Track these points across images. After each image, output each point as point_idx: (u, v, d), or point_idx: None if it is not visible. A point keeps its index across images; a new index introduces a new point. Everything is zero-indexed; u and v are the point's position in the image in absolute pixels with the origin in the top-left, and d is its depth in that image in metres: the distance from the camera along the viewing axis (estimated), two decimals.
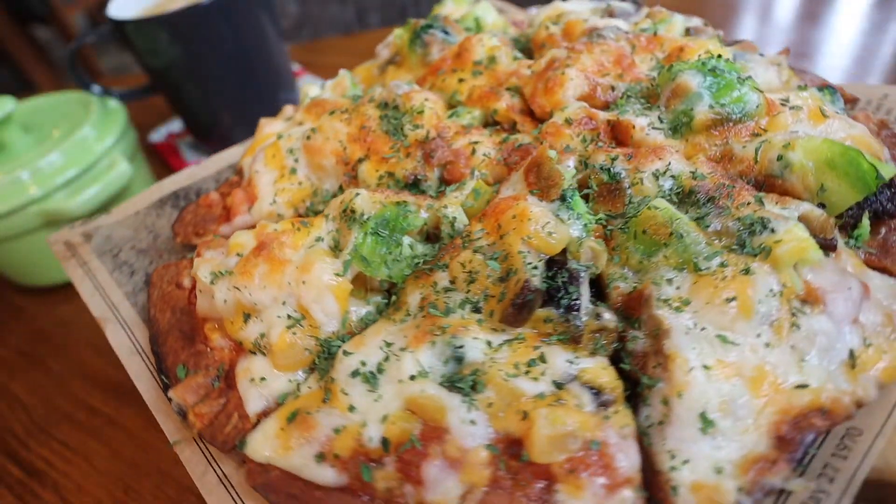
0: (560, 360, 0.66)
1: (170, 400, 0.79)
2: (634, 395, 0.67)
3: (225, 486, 0.73)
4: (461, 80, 1.05)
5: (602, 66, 0.98)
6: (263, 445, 0.69)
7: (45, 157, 1.15)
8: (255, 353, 0.79)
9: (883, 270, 0.74)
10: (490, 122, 1.03)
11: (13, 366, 1.14)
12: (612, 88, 0.96)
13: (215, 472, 0.74)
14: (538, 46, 1.16)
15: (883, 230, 0.79)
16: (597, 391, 0.65)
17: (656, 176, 0.78)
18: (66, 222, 1.09)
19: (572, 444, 0.61)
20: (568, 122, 0.90)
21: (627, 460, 0.61)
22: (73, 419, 1.00)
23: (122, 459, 0.99)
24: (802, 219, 0.72)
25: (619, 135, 0.90)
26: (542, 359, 0.66)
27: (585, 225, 0.75)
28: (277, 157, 1.05)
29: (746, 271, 0.67)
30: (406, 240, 0.82)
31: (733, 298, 0.65)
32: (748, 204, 0.73)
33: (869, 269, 0.73)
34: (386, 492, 0.65)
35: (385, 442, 0.65)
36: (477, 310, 0.71)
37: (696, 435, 0.61)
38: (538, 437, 0.60)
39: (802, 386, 0.63)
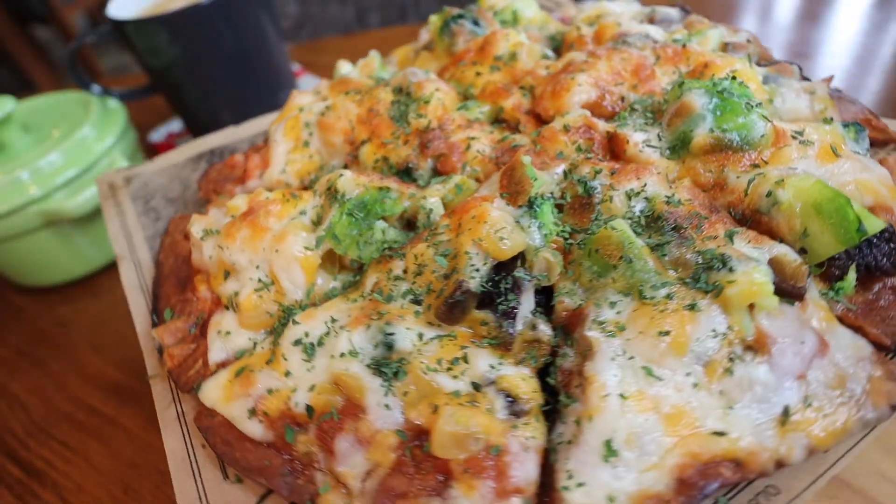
0: (483, 362, 0.67)
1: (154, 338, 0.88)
2: (556, 410, 0.68)
3: (180, 422, 0.81)
4: (478, 74, 1.06)
5: (618, 74, 0.95)
6: (212, 393, 0.76)
7: (45, 157, 1.15)
8: (228, 309, 0.86)
9: (857, 329, 0.69)
10: (498, 119, 1.03)
11: (13, 366, 1.13)
12: (622, 99, 0.93)
13: (176, 408, 0.82)
14: (567, 47, 1.13)
15: (876, 287, 0.73)
16: (512, 399, 0.66)
17: (629, 196, 0.76)
18: (66, 222, 1.14)
19: (473, 445, 0.63)
20: (566, 128, 0.89)
21: (522, 471, 0.62)
22: (72, 419, 1.00)
23: (122, 459, 0.99)
24: (774, 262, 0.68)
25: (614, 148, 0.87)
26: (465, 359, 0.68)
27: (546, 235, 0.75)
28: (295, 129, 1.11)
29: (692, 307, 0.65)
30: (380, 224, 0.85)
31: (667, 332, 0.63)
32: (715, 238, 0.70)
33: (841, 325, 0.68)
34: (305, 455, 0.70)
35: (310, 409, 0.70)
36: (417, 301, 0.73)
37: (598, 461, 0.61)
38: (440, 432, 0.63)
39: (720, 433, 0.60)
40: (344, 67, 1.24)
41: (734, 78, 0.84)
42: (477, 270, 0.70)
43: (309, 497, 0.68)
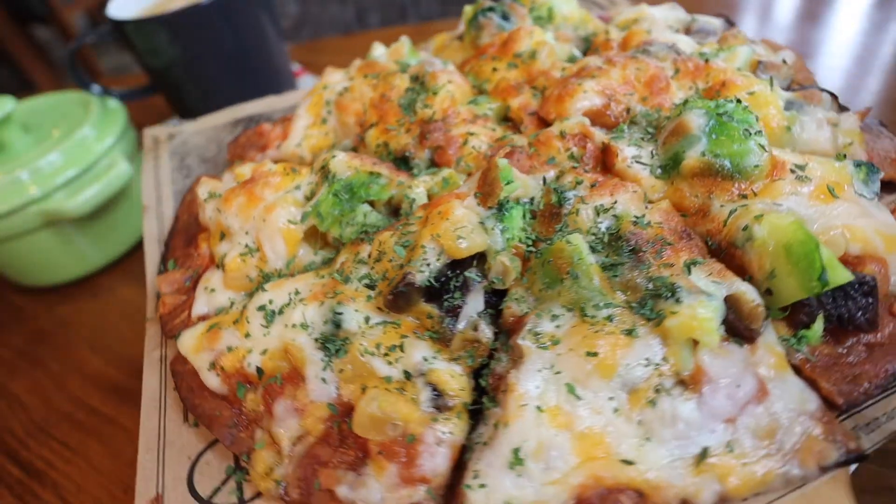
0: (418, 354, 0.70)
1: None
2: (482, 411, 0.69)
3: (161, 365, 0.89)
4: (495, 70, 1.06)
5: (630, 84, 0.93)
6: (187, 342, 0.83)
7: (45, 157, 1.13)
8: (218, 268, 0.93)
9: (811, 382, 0.65)
10: (507, 118, 1.03)
11: (13, 366, 1.12)
12: (628, 110, 0.91)
13: (161, 352, 0.91)
14: (593, 50, 1.10)
15: (850, 342, 0.69)
16: (438, 393, 0.68)
17: (598, 211, 0.75)
18: (66, 222, 1.15)
19: (391, 430, 0.66)
20: (562, 134, 0.88)
21: (431, 462, 0.64)
22: (72, 419, 0.99)
23: (122, 459, 0.98)
24: (731, 299, 0.66)
25: (606, 160, 0.86)
26: (402, 348, 0.70)
27: (508, 239, 0.76)
28: (317, 105, 1.16)
29: (629, 332, 0.64)
30: (364, 207, 0.89)
31: (595, 353, 0.63)
32: (672, 266, 0.68)
33: (794, 374, 0.65)
34: (251, 412, 0.76)
35: (259, 371, 0.75)
36: (372, 286, 0.76)
37: (504, 467, 0.62)
38: (361, 412, 0.66)
39: (629, 462, 0.60)
40: (377, 50, 1.27)
41: (739, 101, 0.80)
42: (428, 265, 0.72)
43: (246, 450, 0.74)
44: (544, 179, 0.82)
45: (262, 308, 0.79)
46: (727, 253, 0.73)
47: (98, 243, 1.23)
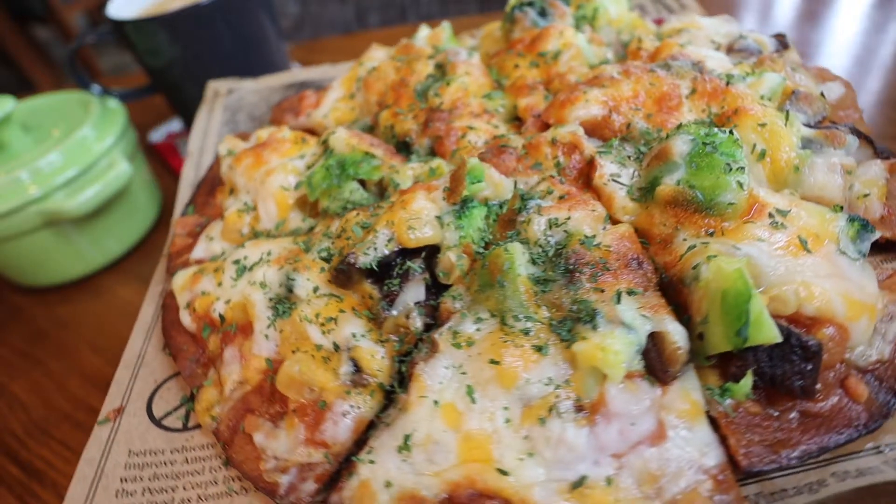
0: (348, 329, 0.74)
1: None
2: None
3: (160, 298, 1.00)
4: (516, 66, 1.05)
5: (639, 98, 0.89)
6: (178, 281, 0.93)
7: (45, 156, 1.13)
8: (222, 219, 1.02)
9: (722, 439, 0.62)
10: (517, 116, 1.02)
11: (13, 366, 1.12)
12: (629, 125, 0.88)
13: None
14: (623, 58, 1.06)
15: (786, 405, 0.65)
16: (358, 369, 0.72)
17: (551, 224, 0.74)
18: (65, 222, 1.15)
19: (307, 393, 0.71)
20: (553, 141, 0.87)
21: (332, 431, 0.69)
22: (72, 419, 0.97)
23: None
24: (656, 336, 0.64)
25: (589, 173, 0.84)
26: (336, 321, 0.75)
27: (461, 237, 0.77)
28: (350, 80, 1.21)
29: (539, 349, 0.65)
30: (353, 184, 0.93)
31: (497, 363, 0.64)
32: (602, 292, 0.67)
33: (706, 425, 0.63)
34: (211, 352, 0.84)
35: (222, 317, 0.83)
36: (327, 260, 0.81)
37: (393, 448, 0.66)
38: (284, 371, 0.72)
39: (505, 472, 0.61)
40: (423, 31, 1.29)
41: (731, 133, 0.75)
42: (375, 249, 0.75)
43: (196, 385, 0.82)
44: (515, 183, 0.82)
45: (236, 262, 0.87)
46: (675, 289, 0.70)
47: (98, 243, 1.23)
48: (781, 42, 1.02)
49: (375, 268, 0.74)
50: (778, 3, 1.70)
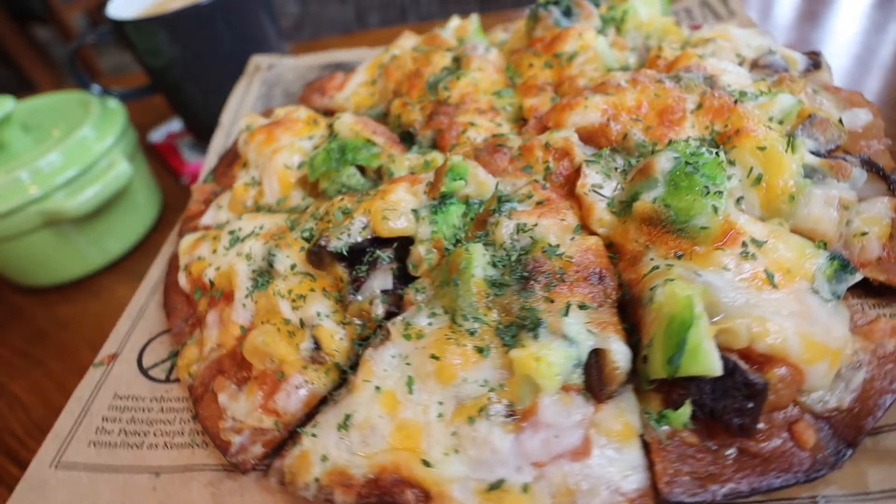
0: (315, 308, 0.78)
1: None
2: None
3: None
4: (531, 65, 1.04)
5: (641, 109, 0.87)
6: (183, 244, 1.00)
7: (45, 157, 1.12)
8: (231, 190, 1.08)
9: (650, 464, 0.62)
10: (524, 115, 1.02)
11: (13, 366, 1.11)
12: (625, 136, 0.86)
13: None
14: (647, 64, 1.03)
15: (725, 441, 0.63)
16: (318, 347, 0.76)
17: (519, 229, 0.74)
18: (65, 222, 1.15)
19: (269, 363, 0.76)
20: (547, 146, 0.87)
21: (285, 401, 0.73)
22: None
23: None
24: (600, 354, 0.64)
25: (575, 181, 0.83)
26: (306, 299, 0.79)
27: (433, 232, 0.79)
28: (374, 66, 1.24)
29: (480, 350, 0.66)
30: (351, 170, 0.96)
31: (438, 358, 0.66)
32: (552, 303, 0.67)
33: (637, 448, 0.62)
34: (200, 313, 0.90)
35: (211, 283, 0.89)
36: (308, 240, 0.84)
37: (334, 426, 0.69)
38: (249, 340, 0.77)
39: (429, 464, 0.63)
40: (452, 22, 1.30)
41: (717, 154, 0.72)
42: (348, 235, 0.78)
43: (182, 342, 0.89)
44: (496, 184, 0.83)
45: (231, 232, 0.92)
46: (633, 308, 0.69)
47: (98, 243, 1.23)
48: (814, 61, 0.96)
49: (345, 253, 0.77)
50: (778, 3, 1.68)
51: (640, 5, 1.13)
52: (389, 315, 0.77)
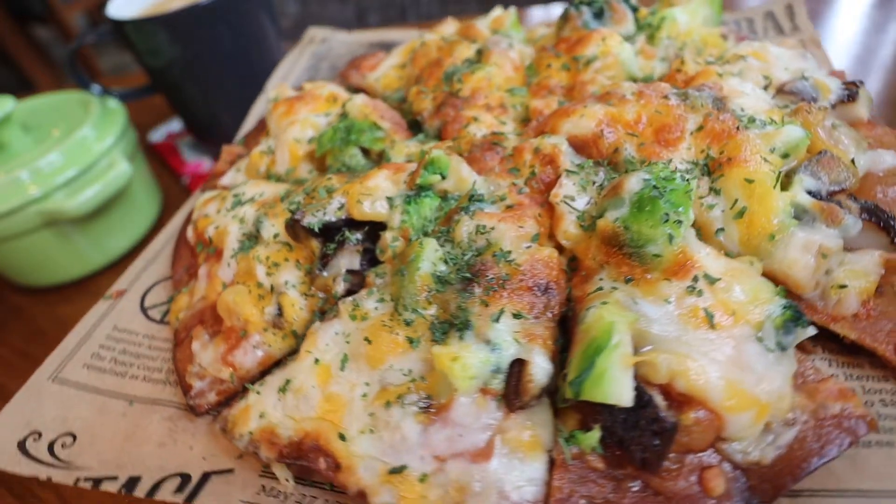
0: (284, 277, 0.83)
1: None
2: None
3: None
4: (549, 66, 1.03)
5: (640, 124, 0.84)
6: (200, 199, 1.08)
7: (45, 156, 1.12)
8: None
9: (549, 480, 0.62)
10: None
11: (13, 366, 1.10)
12: (616, 150, 0.84)
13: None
14: (667, 76, 0.99)
15: (632, 474, 0.62)
16: (280, 313, 0.81)
17: (478, 230, 0.75)
18: (65, 222, 1.16)
19: (236, 320, 0.82)
20: (536, 150, 0.86)
21: (241, 357, 0.80)
22: None
23: None
24: (522, 363, 0.65)
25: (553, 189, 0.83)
26: (279, 267, 0.84)
27: (403, 221, 0.81)
28: (408, 50, 1.26)
29: (411, 341, 0.69)
30: (354, 150, 1.00)
31: (370, 342, 0.69)
32: (487, 307, 0.68)
33: (542, 461, 0.63)
34: (198, 266, 0.99)
35: (210, 239, 0.97)
36: (293, 212, 0.89)
37: (276, 388, 0.74)
38: (222, 298, 0.84)
39: (344, 438, 0.67)
40: (494, 12, 1.29)
41: (688, 181, 0.69)
42: (324, 213, 0.82)
43: (179, 289, 0.98)
44: (474, 183, 0.84)
45: (236, 195, 0.99)
46: (571, 325, 0.69)
47: (98, 243, 1.24)
48: (850, 92, 0.87)
49: (317, 230, 0.82)
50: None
51: (680, 13, 1.08)
52: (350, 293, 0.81)
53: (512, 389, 0.64)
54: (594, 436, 0.62)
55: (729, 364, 0.60)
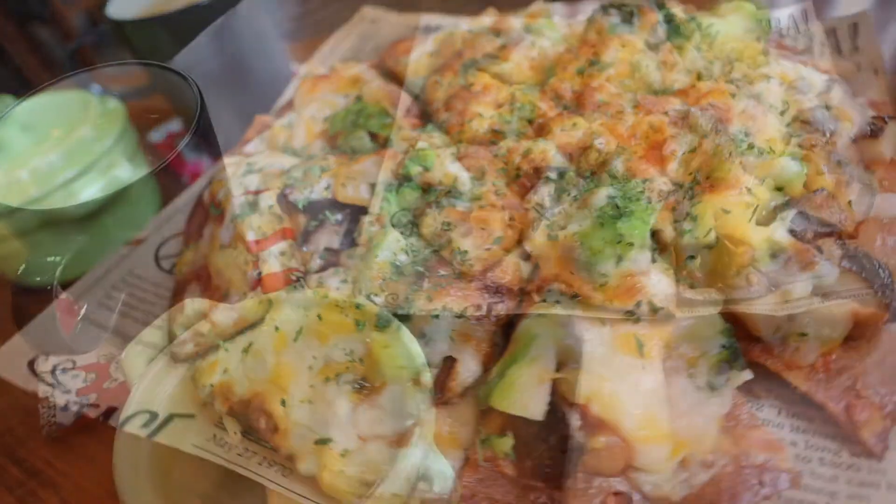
0: (269, 246, 0.88)
1: None
2: None
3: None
4: (565, 68, 1.01)
5: (630, 138, 0.82)
6: (226, 163, 1.16)
7: (45, 157, 1.10)
8: None
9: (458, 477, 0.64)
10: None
11: None
12: (603, 163, 0.82)
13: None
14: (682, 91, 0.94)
15: (539, 486, 0.63)
16: (259, 279, 0.87)
17: (443, 226, 0.77)
18: (65, 222, 1.13)
19: (221, 280, 0.89)
20: (525, 153, 0.86)
21: (220, 316, 0.83)
22: None
23: None
24: (452, 362, 0.67)
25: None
26: (265, 236, 0.90)
27: (382, 208, 0.84)
28: (442, 38, 1.27)
29: (357, 324, 0.72)
30: (361, 133, 1.04)
31: (322, 320, 0.74)
32: (430, 301, 0.70)
33: (455, 459, 0.65)
34: (207, 223, 1.06)
35: (219, 202, 1.04)
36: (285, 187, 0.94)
37: (240, 348, 0.80)
38: (213, 260, 0.91)
39: (285, 404, 0.72)
40: (535, 6, 1.27)
41: (650, 203, 0.67)
42: (311, 191, 0.87)
43: (188, 245, 1.06)
44: (455, 179, 0.85)
45: (249, 164, 1.05)
46: (512, 332, 0.70)
47: (98, 243, 1.18)
48: (874, 127, 0.80)
49: (301, 207, 0.86)
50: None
51: (718, 24, 1.02)
52: (324, 270, 0.86)
53: (437, 384, 0.66)
54: (507, 442, 0.63)
55: (650, 395, 0.59)
